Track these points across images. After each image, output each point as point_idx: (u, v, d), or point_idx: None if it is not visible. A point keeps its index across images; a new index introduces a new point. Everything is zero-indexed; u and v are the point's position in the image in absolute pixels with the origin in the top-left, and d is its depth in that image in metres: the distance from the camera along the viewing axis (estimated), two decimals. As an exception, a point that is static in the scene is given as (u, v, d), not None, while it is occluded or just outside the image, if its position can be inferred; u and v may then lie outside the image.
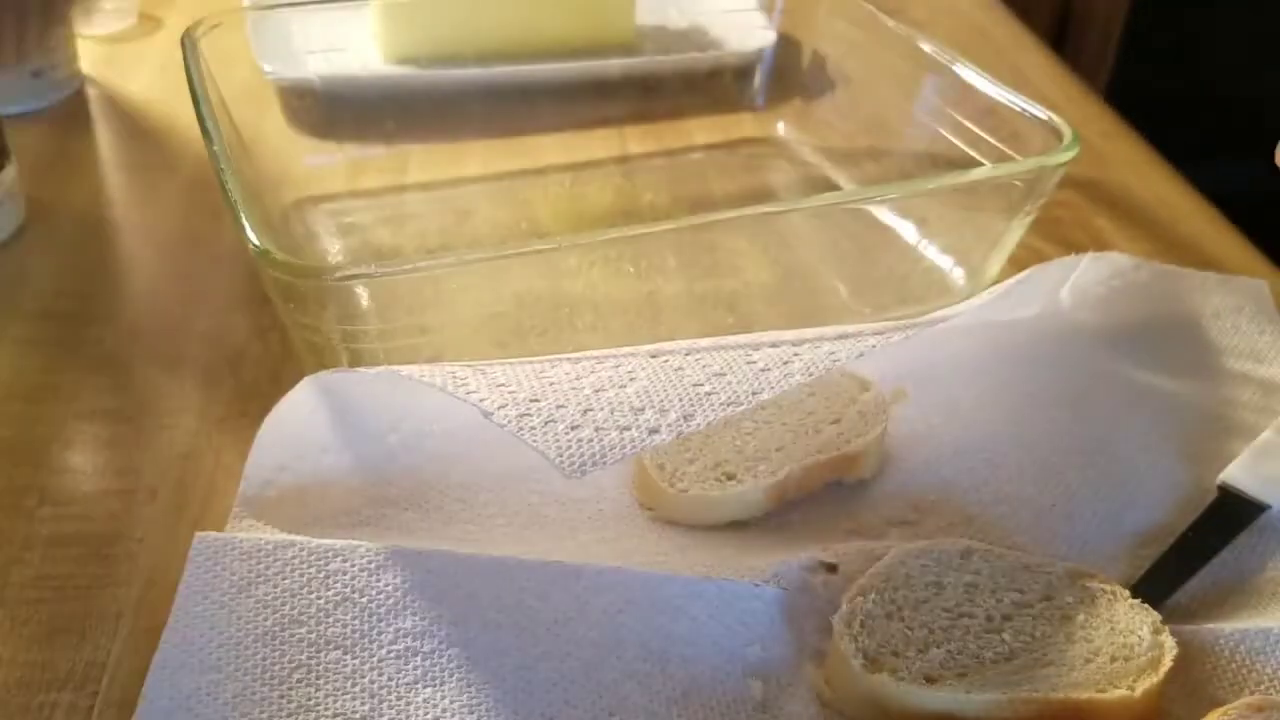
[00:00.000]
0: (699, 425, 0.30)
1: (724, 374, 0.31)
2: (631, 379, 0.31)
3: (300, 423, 0.34)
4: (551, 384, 0.31)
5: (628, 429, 0.29)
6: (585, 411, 0.30)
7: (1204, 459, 0.37)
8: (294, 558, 0.30)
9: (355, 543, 0.31)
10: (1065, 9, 1.13)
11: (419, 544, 0.31)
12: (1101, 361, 0.41)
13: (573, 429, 0.29)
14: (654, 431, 0.29)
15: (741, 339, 0.34)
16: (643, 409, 0.30)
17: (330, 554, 0.30)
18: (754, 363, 0.32)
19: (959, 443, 0.37)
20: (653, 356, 0.32)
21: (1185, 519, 0.35)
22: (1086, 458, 0.37)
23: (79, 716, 0.29)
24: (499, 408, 0.29)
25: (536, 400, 0.30)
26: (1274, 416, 0.39)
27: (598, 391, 0.30)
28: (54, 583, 0.32)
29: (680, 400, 0.30)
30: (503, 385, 0.30)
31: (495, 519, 0.34)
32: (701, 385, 0.31)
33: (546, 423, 0.29)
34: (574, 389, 0.31)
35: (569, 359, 0.32)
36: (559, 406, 0.30)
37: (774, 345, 0.33)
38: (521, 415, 0.29)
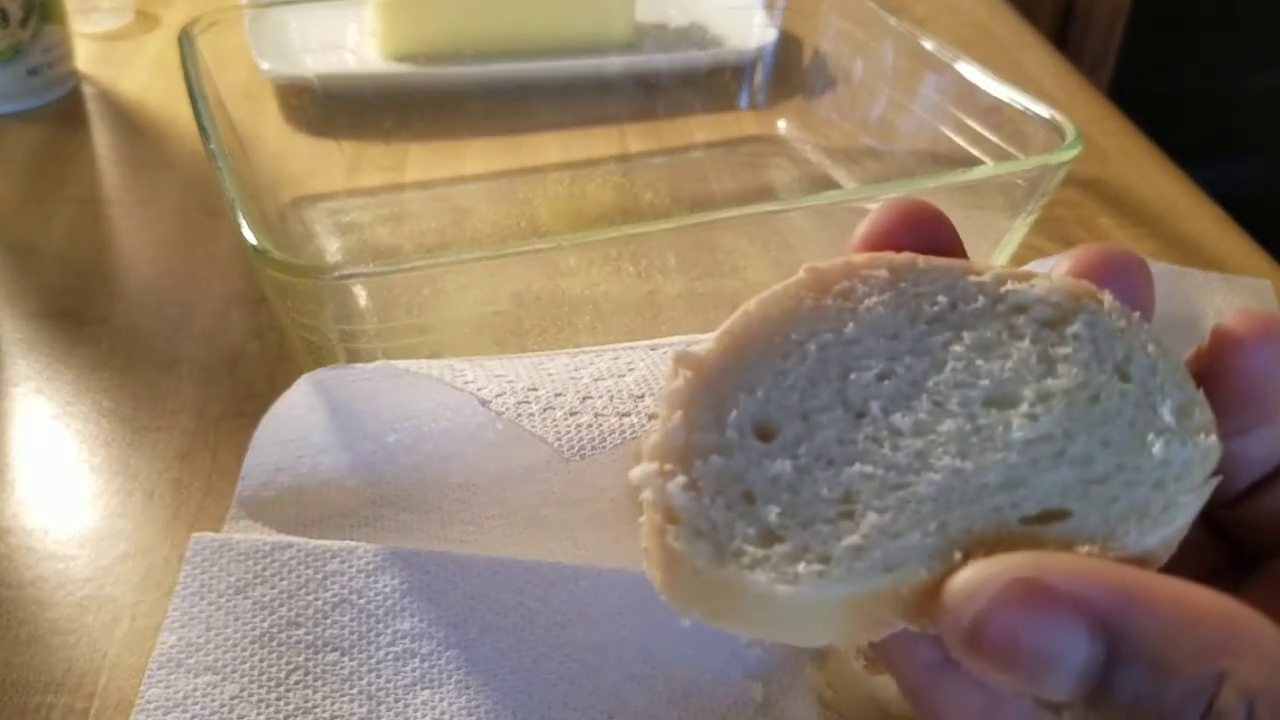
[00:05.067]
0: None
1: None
2: (630, 369, 0.31)
3: (298, 423, 0.34)
4: (550, 374, 0.31)
5: (627, 415, 0.29)
6: (584, 399, 0.30)
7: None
8: (291, 559, 0.30)
9: (353, 544, 0.30)
10: (1068, 6, 1.13)
11: (417, 545, 0.31)
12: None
13: (571, 415, 0.29)
14: (654, 417, 0.29)
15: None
16: (642, 396, 0.30)
17: (328, 555, 0.30)
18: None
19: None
20: (651, 349, 0.32)
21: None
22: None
23: (75, 718, 0.28)
24: (497, 395, 0.29)
25: (534, 389, 0.30)
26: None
27: (597, 380, 0.30)
28: (49, 583, 0.32)
29: None
30: (500, 375, 0.30)
31: (494, 520, 0.34)
32: None
33: (545, 409, 0.29)
34: (573, 378, 0.30)
35: (567, 353, 0.32)
36: (557, 394, 0.30)
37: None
38: (520, 403, 0.29)
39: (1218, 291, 0.44)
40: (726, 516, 0.19)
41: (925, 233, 0.23)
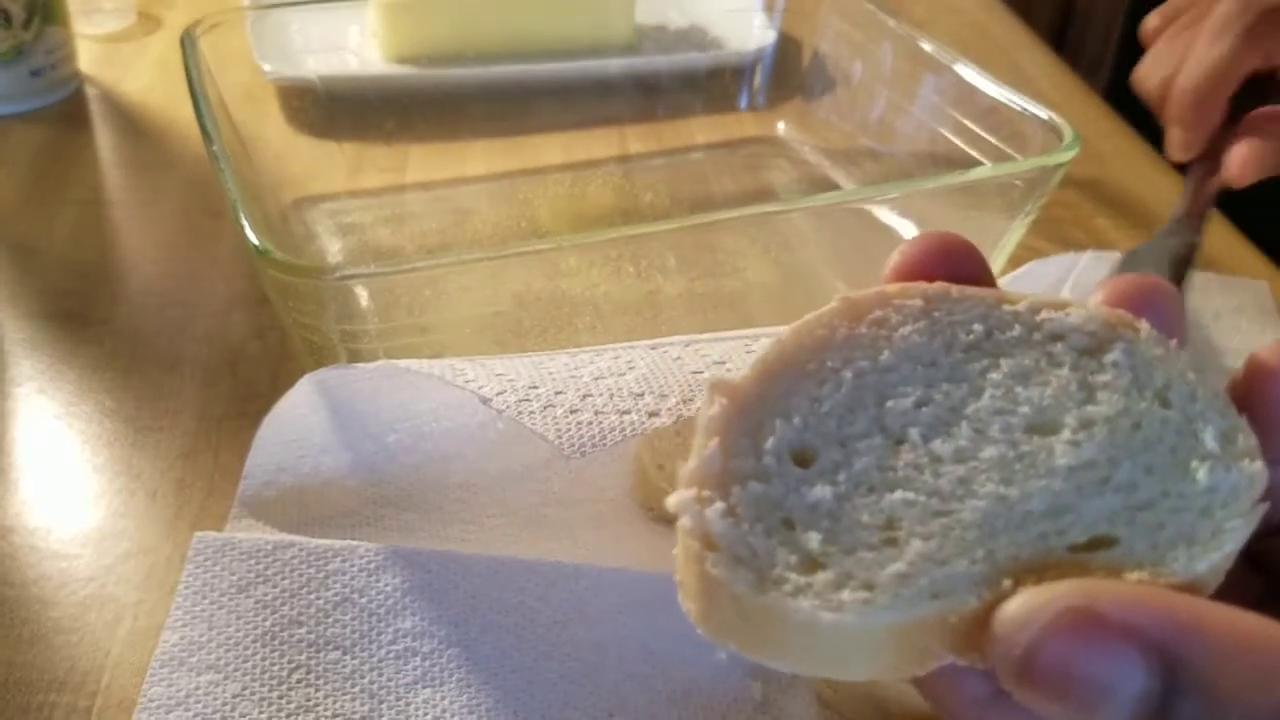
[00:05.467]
0: (699, 409, 0.30)
1: (724, 362, 0.31)
2: (630, 368, 0.31)
3: (300, 423, 0.34)
4: (550, 373, 0.31)
5: (627, 413, 0.29)
6: (584, 397, 0.30)
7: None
8: (293, 558, 0.30)
9: (354, 543, 0.30)
10: (1066, 7, 1.13)
11: (418, 544, 0.31)
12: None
13: (572, 413, 0.29)
14: (654, 414, 0.29)
15: (741, 331, 0.34)
16: (642, 394, 0.30)
17: (329, 554, 0.30)
18: (753, 352, 0.32)
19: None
20: (652, 348, 0.33)
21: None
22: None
23: (78, 717, 0.29)
24: (498, 394, 0.29)
25: (535, 387, 0.30)
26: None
27: (597, 379, 0.31)
28: (52, 582, 0.32)
29: (680, 386, 0.30)
30: (501, 374, 0.31)
31: (495, 519, 0.34)
32: (701, 373, 0.31)
33: (545, 407, 0.29)
34: (573, 377, 0.31)
35: (567, 352, 0.33)
36: (558, 393, 0.30)
37: (773, 336, 0.33)
38: (520, 401, 0.29)
39: (1215, 293, 0.44)
40: (767, 543, 0.19)
41: (956, 264, 0.23)
